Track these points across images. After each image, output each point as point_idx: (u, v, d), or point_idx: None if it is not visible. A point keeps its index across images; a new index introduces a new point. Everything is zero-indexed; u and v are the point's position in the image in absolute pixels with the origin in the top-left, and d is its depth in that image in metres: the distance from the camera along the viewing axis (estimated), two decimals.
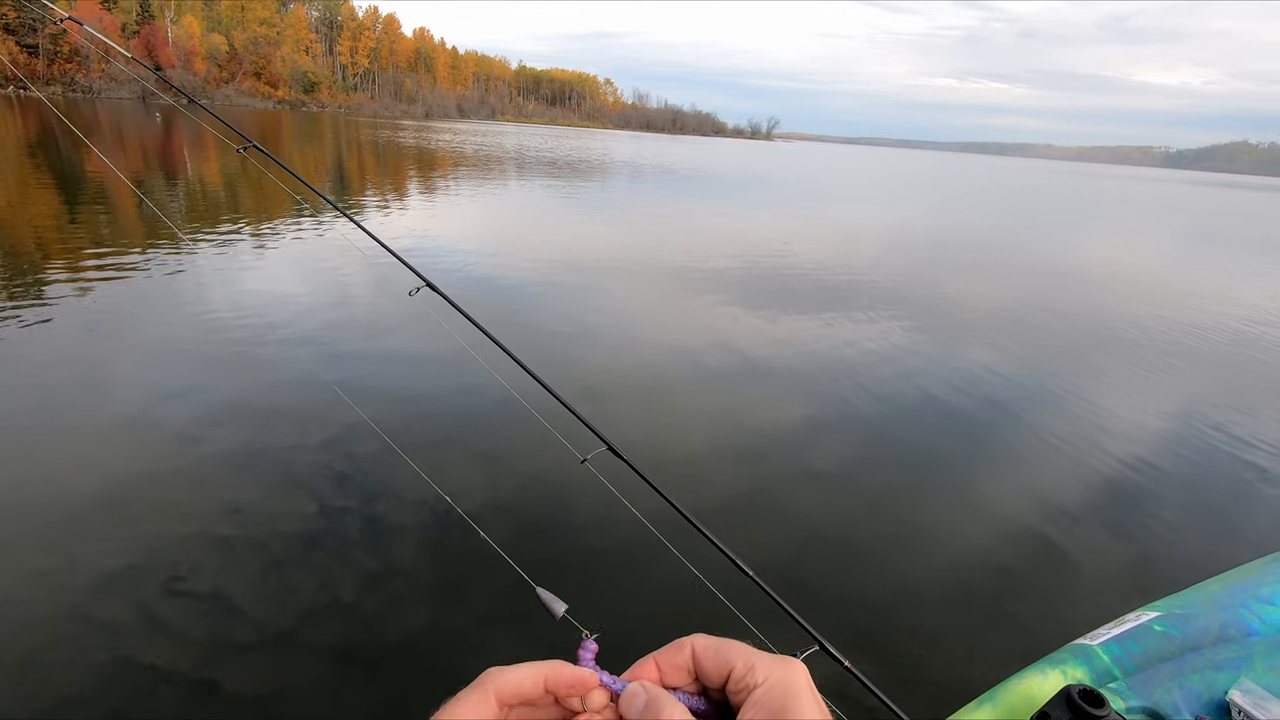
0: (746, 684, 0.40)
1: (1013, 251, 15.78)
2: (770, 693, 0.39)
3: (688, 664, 0.43)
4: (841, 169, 54.93)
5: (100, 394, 4.74)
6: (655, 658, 0.44)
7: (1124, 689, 1.70)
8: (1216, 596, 1.89)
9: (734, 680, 0.41)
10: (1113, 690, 1.71)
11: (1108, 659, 1.78)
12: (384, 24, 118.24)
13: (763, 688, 0.39)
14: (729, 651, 0.42)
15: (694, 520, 1.23)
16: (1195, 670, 1.66)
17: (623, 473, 1.42)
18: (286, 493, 3.66)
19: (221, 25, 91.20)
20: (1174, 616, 1.81)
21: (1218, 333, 8.87)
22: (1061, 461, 4.81)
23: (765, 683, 0.39)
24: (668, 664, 0.43)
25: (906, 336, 7.56)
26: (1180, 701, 1.62)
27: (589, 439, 1.40)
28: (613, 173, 29.09)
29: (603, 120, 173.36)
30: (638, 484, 1.41)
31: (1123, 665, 1.76)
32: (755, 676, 0.40)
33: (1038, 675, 1.78)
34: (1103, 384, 6.54)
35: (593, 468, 1.31)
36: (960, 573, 3.47)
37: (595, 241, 12.16)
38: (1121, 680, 1.73)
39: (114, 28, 72.31)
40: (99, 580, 2.94)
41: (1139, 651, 1.76)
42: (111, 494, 3.57)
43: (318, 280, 7.80)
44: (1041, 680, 1.76)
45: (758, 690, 0.39)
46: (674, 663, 0.43)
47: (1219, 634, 1.74)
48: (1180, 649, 1.74)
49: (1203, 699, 1.62)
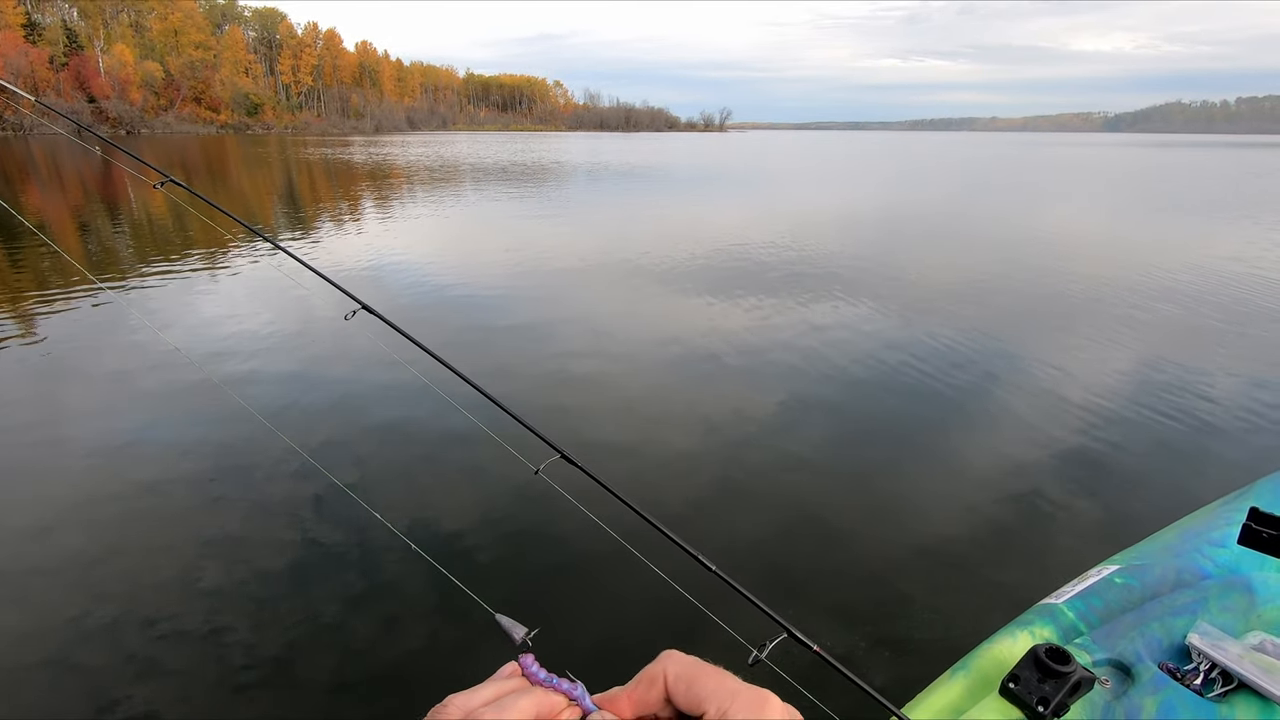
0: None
1: (956, 222, 16.12)
2: None
3: (660, 700, 0.42)
4: (792, 154, 55.51)
5: (36, 443, 4.56)
6: (627, 694, 0.43)
7: (1089, 643, 1.75)
8: (1171, 544, 1.95)
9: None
10: (1079, 645, 1.76)
11: (1072, 615, 1.82)
12: (325, 40, 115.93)
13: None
14: (701, 688, 0.41)
15: (651, 519, 1.22)
16: (1155, 618, 1.72)
17: (581, 479, 1.41)
18: (227, 539, 3.54)
19: (155, 52, 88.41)
20: (1133, 568, 1.87)
21: (1158, 291, 9.17)
22: (1025, 425, 4.93)
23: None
24: (638, 701, 0.43)
25: (863, 314, 7.68)
26: (1143, 649, 1.67)
27: (543, 449, 1.38)
28: (565, 175, 28.97)
29: (556, 123, 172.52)
30: (598, 489, 1.40)
31: (1087, 620, 1.81)
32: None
33: (1007, 639, 1.82)
34: (1058, 347, 6.72)
35: (547, 477, 1.29)
36: (932, 543, 3.54)
37: (547, 246, 12.09)
38: (1086, 635, 1.77)
39: (40, 61, 69.71)
40: (77, 632, 2.83)
41: (1101, 605, 1.81)
42: (68, 544, 3.44)
43: (248, 311, 7.52)
44: (1011, 643, 1.80)
45: None
46: (644, 700, 0.42)
47: (1175, 580, 1.79)
48: (1140, 599, 1.79)
49: (1163, 645, 1.67)
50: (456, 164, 34.08)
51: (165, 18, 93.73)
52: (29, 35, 72.81)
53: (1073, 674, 1.53)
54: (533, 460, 1.32)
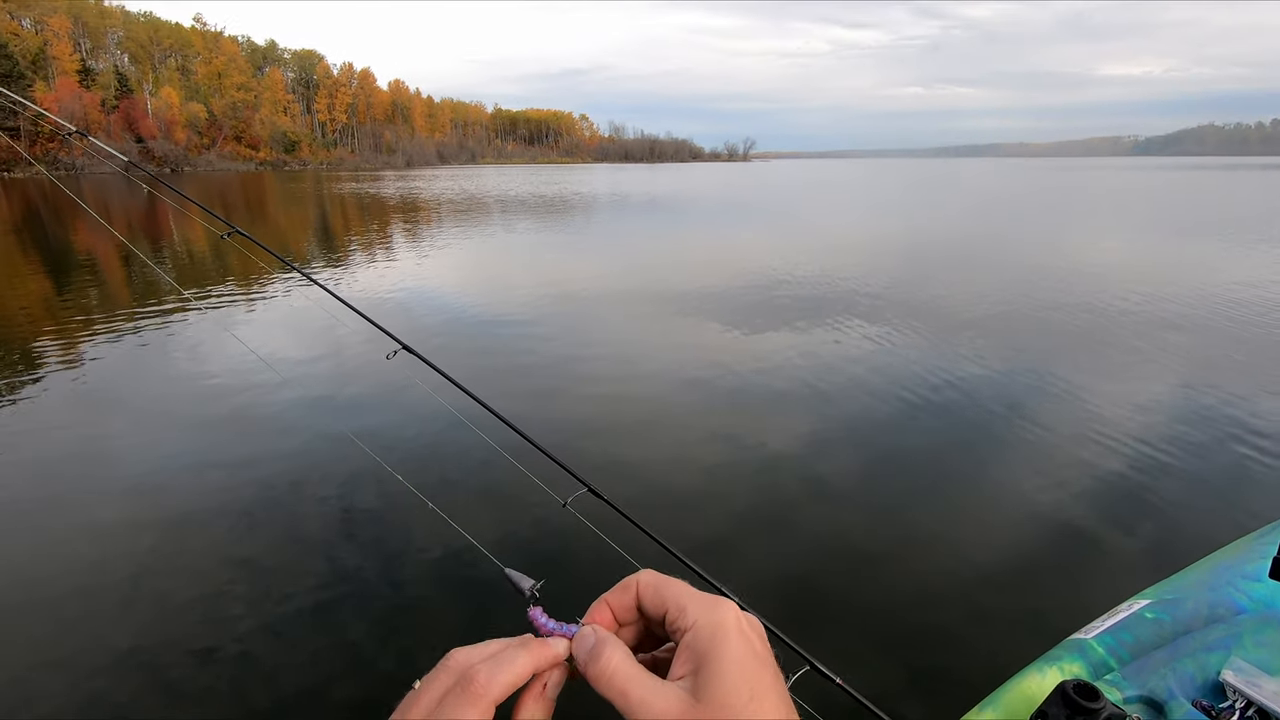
0: (679, 627, 0.41)
1: (983, 247, 15.99)
2: (697, 636, 0.40)
3: (634, 603, 0.44)
4: (817, 183, 55.68)
5: (100, 463, 4.75)
6: (607, 598, 0.45)
7: (1120, 679, 1.72)
8: (1204, 578, 1.92)
9: (668, 623, 0.42)
10: (1109, 682, 1.73)
11: (1103, 650, 1.80)
12: (359, 79, 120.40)
13: (691, 632, 0.40)
14: (666, 591, 0.43)
15: (673, 550, 1.26)
16: (1187, 654, 1.69)
17: (611, 511, 1.45)
18: (295, 555, 3.65)
19: (200, 93, 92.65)
20: (1164, 602, 1.84)
21: (1195, 313, 8.98)
22: (1054, 455, 4.85)
23: (694, 627, 0.41)
24: (618, 604, 0.45)
25: (892, 342, 7.64)
26: (1175, 686, 1.65)
27: (574, 481, 1.43)
28: (589, 208, 29.42)
29: (581, 155, 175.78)
30: (626, 521, 1.45)
31: (1118, 655, 1.78)
32: (685, 619, 0.41)
33: (1036, 674, 1.80)
34: (1090, 375, 6.60)
35: (575, 510, 1.34)
36: (962, 574, 3.48)
37: (580, 279, 12.28)
38: (1117, 671, 1.75)
39: (93, 104, 73.39)
40: (119, 656, 2.93)
41: (1132, 640, 1.79)
42: (123, 566, 3.57)
43: (297, 348, 7.76)
44: (1039, 679, 1.78)
45: (686, 634, 0.41)
46: (623, 603, 0.45)
47: (1209, 615, 1.76)
48: (1172, 634, 1.76)
49: (1196, 681, 1.64)
50: (482, 198, 34.86)
51: (210, 61, 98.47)
52: (83, 80, 76.86)
53: (1102, 711, 1.51)
54: (565, 493, 1.37)
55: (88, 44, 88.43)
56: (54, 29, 78.08)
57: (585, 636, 0.43)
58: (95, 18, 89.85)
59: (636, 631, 0.46)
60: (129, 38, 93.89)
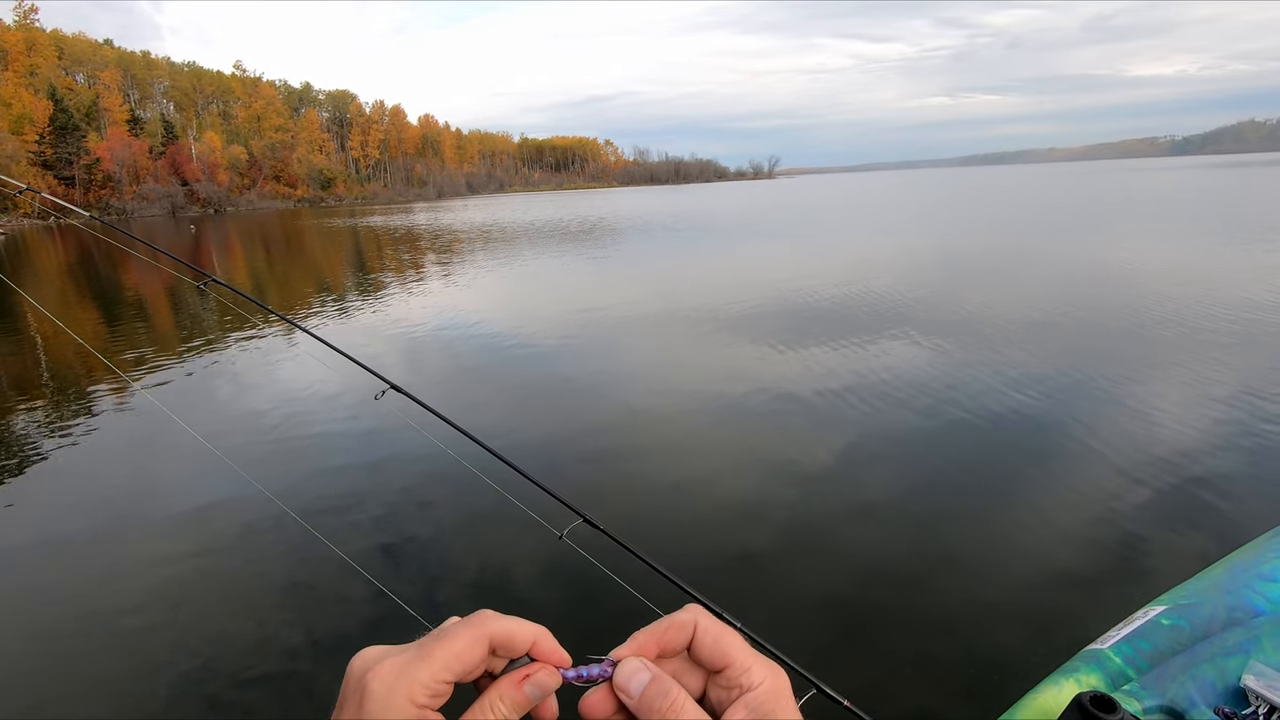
0: (741, 684, 0.42)
1: (1014, 256, 15.69)
2: (763, 697, 0.41)
3: (685, 644, 0.44)
4: (843, 199, 55.38)
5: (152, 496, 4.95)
6: (658, 637, 0.44)
7: (1139, 689, 1.68)
8: (1220, 580, 1.86)
9: (728, 677, 0.42)
10: (1127, 692, 1.69)
11: (1120, 660, 1.76)
12: (390, 115, 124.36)
13: (757, 691, 0.41)
14: (728, 644, 0.43)
15: (671, 576, 1.28)
16: (1206, 660, 1.64)
17: (611, 542, 1.45)
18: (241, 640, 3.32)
19: (240, 136, 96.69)
20: (1180, 608, 1.79)
21: (1212, 320, 8.67)
22: (1107, 464, 4.71)
23: (760, 687, 0.41)
24: (670, 642, 0.44)
25: (923, 359, 7.54)
26: (1195, 694, 1.60)
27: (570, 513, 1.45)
28: (613, 232, 29.72)
29: (607, 180, 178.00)
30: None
31: (1135, 665, 1.74)
32: (751, 678, 0.42)
33: (1052, 688, 1.77)
34: (1138, 383, 6.40)
35: (572, 542, 1.36)
36: (982, 587, 3.41)
37: (596, 301, 12.41)
38: (1135, 681, 1.71)
39: (141, 151, 77.06)
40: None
41: (1149, 648, 1.74)
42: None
43: (273, 396, 7.25)
44: (1056, 692, 1.75)
45: (751, 693, 0.41)
46: (676, 642, 0.44)
47: (1226, 618, 1.71)
48: (1190, 639, 1.72)
49: (1217, 688, 1.60)
50: (509, 226, 35.47)
51: (249, 105, 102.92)
52: (132, 129, 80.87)
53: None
54: (562, 525, 1.38)
55: (136, 94, 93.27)
56: (105, 82, 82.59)
57: (637, 670, 0.42)
58: (142, 69, 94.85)
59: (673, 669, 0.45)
60: (174, 86, 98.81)
